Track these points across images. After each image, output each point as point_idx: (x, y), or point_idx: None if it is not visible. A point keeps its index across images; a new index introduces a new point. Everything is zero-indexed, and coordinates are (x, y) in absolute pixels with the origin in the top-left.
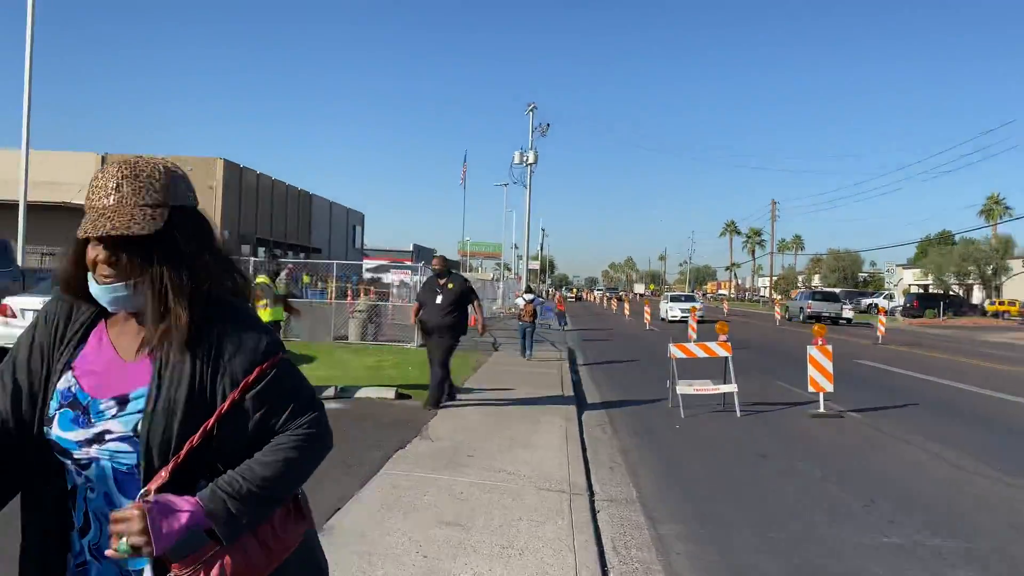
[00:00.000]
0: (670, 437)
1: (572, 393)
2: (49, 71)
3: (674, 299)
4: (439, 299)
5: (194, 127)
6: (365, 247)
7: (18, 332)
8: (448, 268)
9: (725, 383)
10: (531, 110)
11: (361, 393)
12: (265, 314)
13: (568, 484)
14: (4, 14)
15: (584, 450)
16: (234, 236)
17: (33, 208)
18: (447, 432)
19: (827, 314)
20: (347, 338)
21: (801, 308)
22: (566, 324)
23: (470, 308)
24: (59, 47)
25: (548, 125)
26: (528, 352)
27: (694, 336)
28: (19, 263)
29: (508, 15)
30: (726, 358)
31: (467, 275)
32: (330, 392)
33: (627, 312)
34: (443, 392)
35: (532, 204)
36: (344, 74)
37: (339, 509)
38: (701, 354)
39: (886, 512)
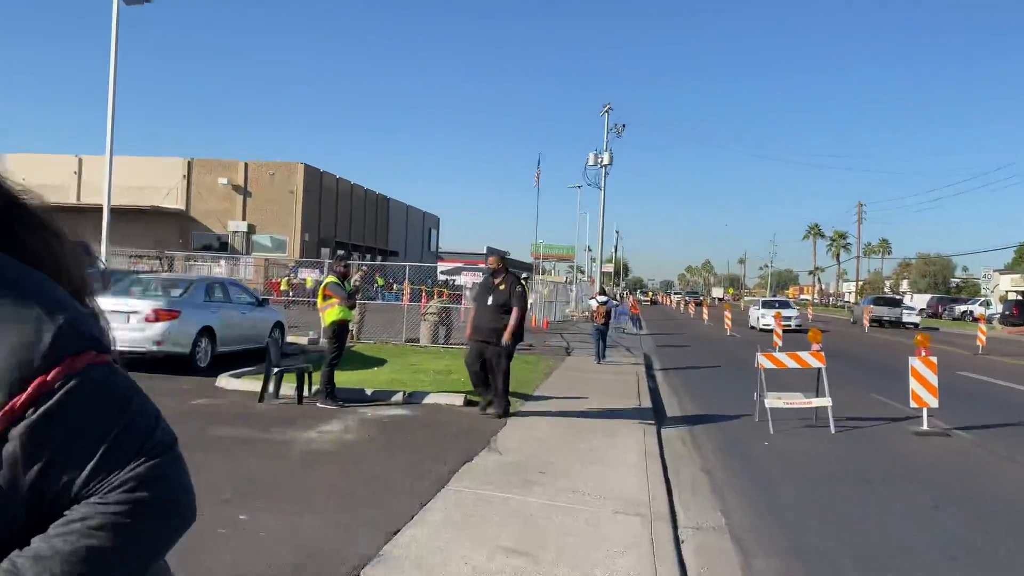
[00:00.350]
0: (759, 455)
1: (650, 403)
2: (138, 80)
3: (766, 305)
4: (490, 300)
5: (276, 133)
6: (440, 250)
7: None
8: (505, 266)
9: (818, 396)
10: (606, 111)
11: (429, 399)
12: (334, 312)
13: (648, 507)
14: (94, 30)
15: (665, 468)
16: (314, 239)
17: (125, 211)
18: (516, 444)
19: (888, 318)
20: (418, 341)
21: (863, 312)
22: (641, 328)
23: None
24: (147, 57)
25: (624, 126)
26: (602, 351)
27: (779, 343)
28: (103, 264)
29: (584, 16)
30: (819, 369)
31: (541, 277)
32: (398, 397)
33: (706, 317)
34: (508, 400)
35: (606, 206)
36: (422, 79)
37: (398, 531)
38: (792, 364)
39: (1019, 555)
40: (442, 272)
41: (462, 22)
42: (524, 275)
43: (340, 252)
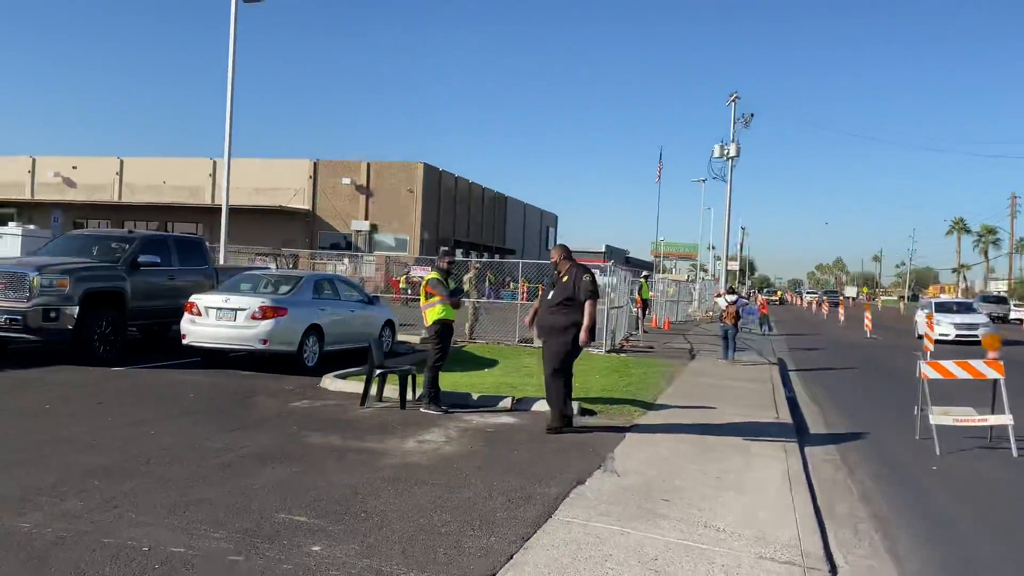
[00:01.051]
0: (928, 483)
1: (788, 416)
2: (269, 83)
3: (941, 308)
4: (550, 294)
5: (396, 133)
6: (603, 253)
7: (206, 330)
8: (568, 256)
9: (994, 412)
10: (733, 100)
11: (540, 406)
12: (436, 311)
13: (799, 551)
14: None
15: (814, 498)
16: (432, 238)
17: (254, 212)
18: (636, 464)
19: (997, 314)
20: (532, 341)
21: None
22: (770, 329)
23: (574, 309)
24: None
25: (751, 116)
26: (730, 354)
27: (931, 349)
28: (222, 262)
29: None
30: (996, 381)
31: (661, 276)
32: (506, 403)
33: (842, 317)
34: (566, 409)
35: (732, 200)
36: (538, 79)
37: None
38: (962, 375)
39: None
40: None
41: (580, 18)
42: (645, 273)
43: (444, 248)
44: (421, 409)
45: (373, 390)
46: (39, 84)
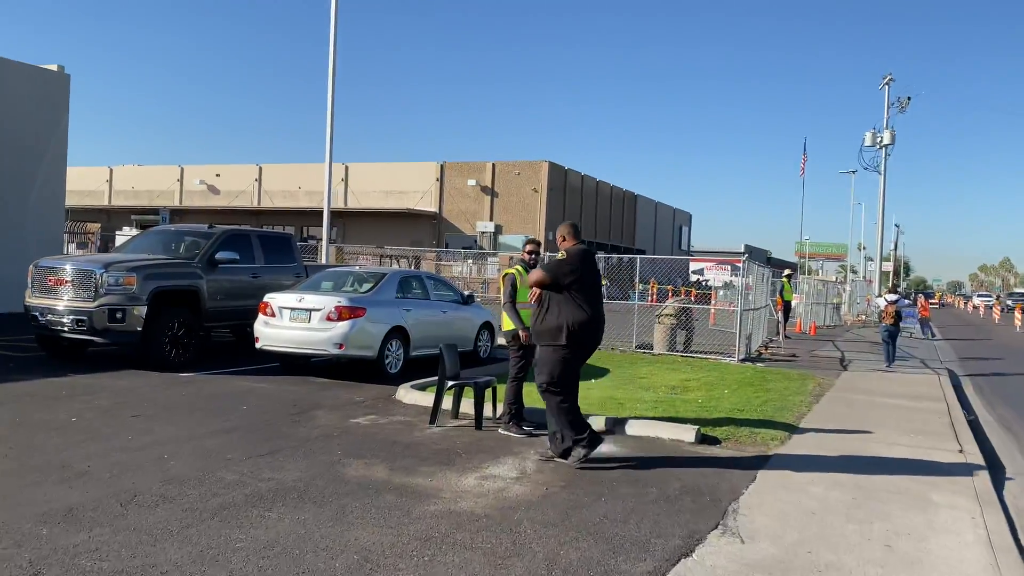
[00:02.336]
0: None
1: (975, 447)
2: (396, 88)
3: None
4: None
5: (522, 132)
6: (692, 248)
7: (279, 333)
8: (577, 235)
9: None
10: (887, 82)
11: (645, 429)
12: (507, 319)
13: None
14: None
15: None
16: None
17: (384, 215)
18: (770, 521)
19: None
20: (651, 347)
21: None
22: (932, 334)
23: (562, 300)
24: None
25: (908, 99)
26: (892, 358)
27: None
28: (324, 261)
29: None
30: None
31: (805, 277)
32: (599, 424)
33: (1018, 323)
34: (566, 439)
35: (887, 193)
36: (671, 73)
37: None
38: None
39: None
40: (694, 271)
41: (713, 6)
42: (787, 272)
43: (529, 237)
44: (500, 430)
45: (447, 404)
46: (188, 99)
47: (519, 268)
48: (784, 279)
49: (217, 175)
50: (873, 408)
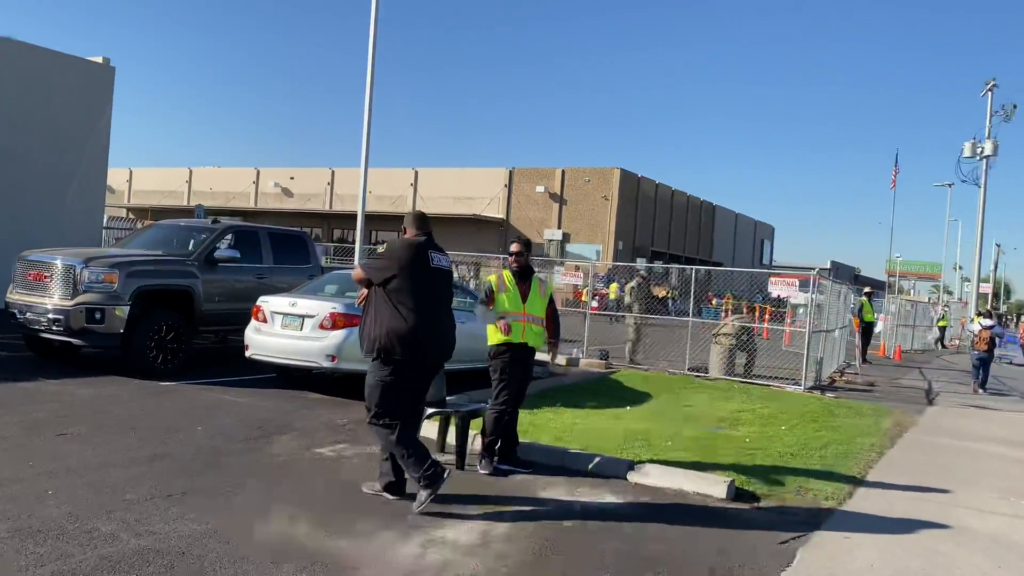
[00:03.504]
0: None
1: None
2: (465, 92)
3: None
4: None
5: (594, 139)
6: (774, 263)
7: (269, 341)
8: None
9: None
10: (989, 89)
11: (665, 478)
12: (492, 331)
13: None
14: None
15: None
16: (628, 247)
17: (451, 221)
18: None
19: None
20: (706, 370)
21: None
22: None
23: (380, 304)
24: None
25: (1014, 107)
26: (982, 384)
27: None
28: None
29: None
30: None
31: (898, 296)
32: (616, 469)
33: None
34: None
35: (986, 208)
36: (757, 86)
37: None
38: None
39: None
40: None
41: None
42: (867, 290)
43: (519, 237)
44: (480, 470)
45: (431, 432)
46: (265, 102)
47: (495, 278)
48: (863, 297)
49: (291, 178)
50: (962, 456)
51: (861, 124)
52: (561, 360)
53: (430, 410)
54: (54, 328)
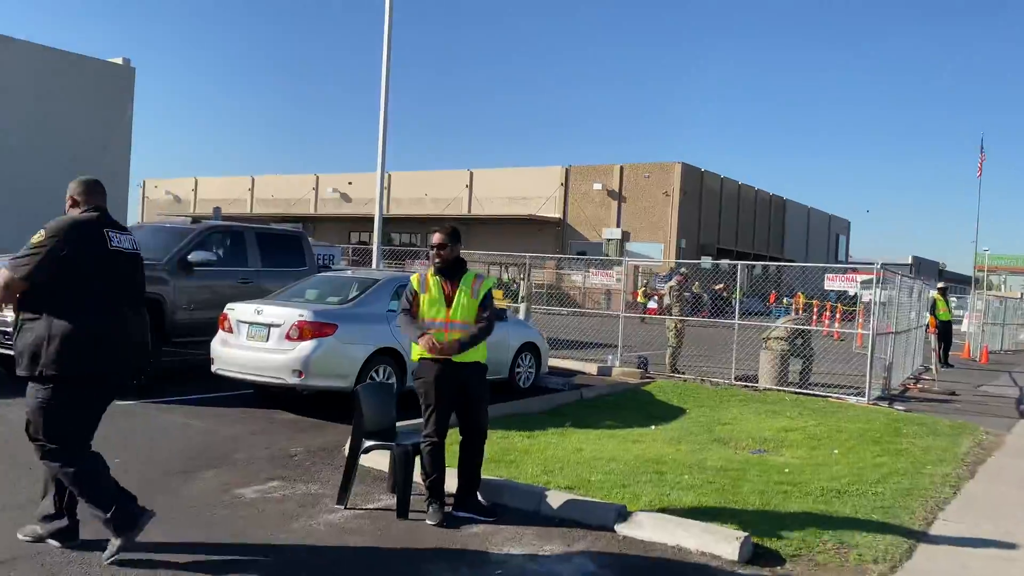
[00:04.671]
0: None
1: None
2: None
3: None
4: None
5: (652, 133)
6: (851, 259)
7: (234, 354)
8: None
9: None
10: None
11: (661, 531)
12: (414, 347)
13: None
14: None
15: None
16: (692, 245)
17: (506, 222)
18: None
19: None
20: (755, 379)
21: None
22: None
23: (45, 303)
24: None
25: None
26: None
27: None
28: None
29: None
30: None
31: (987, 292)
32: (578, 509)
33: None
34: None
35: None
36: (827, 72)
37: None
38: None
39: None
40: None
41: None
42: (940, 285)
43: (443, 225)
44: (428, 520)
45: (377, 463)
46: (328, 107)
47: (416, 279)
48: (936, 293)
49: (349, 183)
50: None
51: (944, 108)
52: (592, 369)
53: (369, 443)
54: (5, 342)
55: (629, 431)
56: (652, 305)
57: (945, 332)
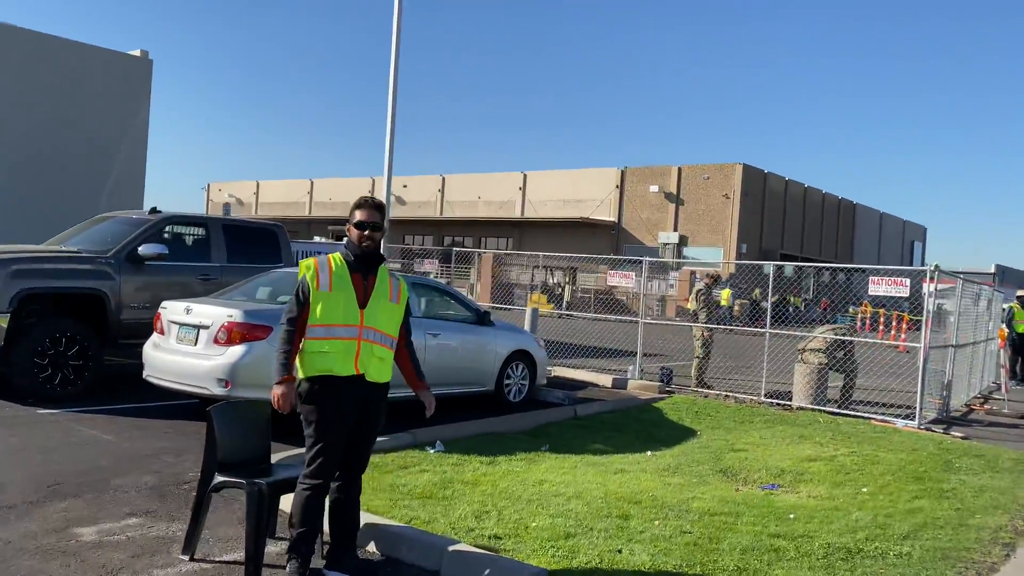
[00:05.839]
0: None
1: None
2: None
3: None
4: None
5: (715, 134)
6: (926, 266)
7: (163, 359)
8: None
9: None
10: None
11: None
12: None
13: None
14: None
15: None
16: (753, 250)
17: (560, 225)
18: None
19: None
20: (788, 398)
21: None
22: None
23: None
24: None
25: None
26: None
27: None
28: None
29: None
30: None
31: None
32: None
33: None
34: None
35: None
36: (900, 62)
37: None
38: None
39: None
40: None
41: None
42: (1020, 292)
43: (368, 199)
44: None
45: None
46: (383, 111)
47: (335, 257)
48: (1015, 303)
49: (404, 186)
50: None
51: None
52: (607, 381)
53: (221, 477)
54: None
55: (617, 458)
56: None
57: (1021, 347)
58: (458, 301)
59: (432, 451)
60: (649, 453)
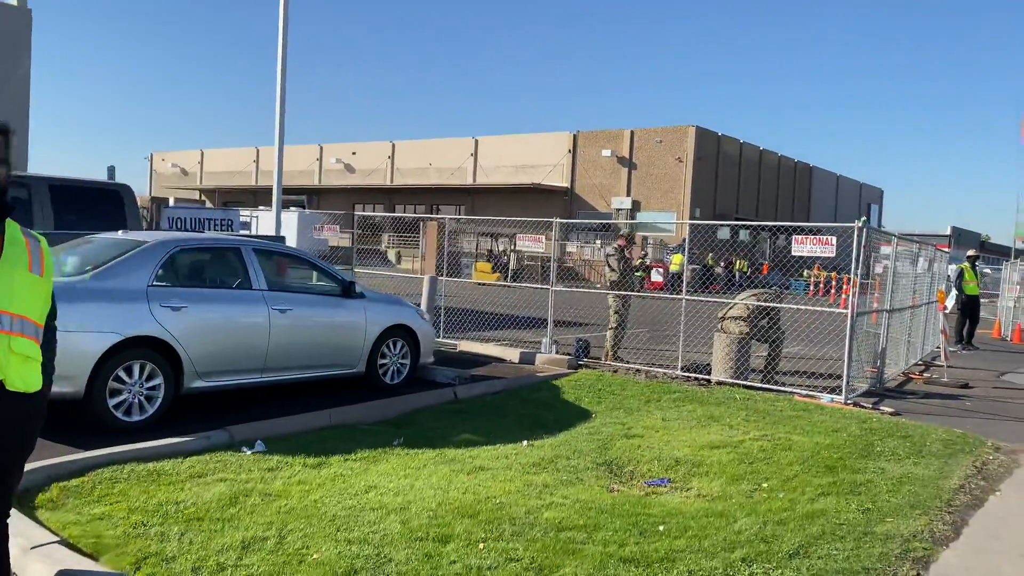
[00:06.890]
0: None
1: None
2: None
3: None
4: None
5: (664, 96)
6: (883, 228)
7: None
8: None
9: None
10: None
11: None
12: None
13: None
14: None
15: None
16: (707, 214)
17: (510, 191)
18: None
19: None
20: (707, 371)
21: None
22: None
23: None
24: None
25: None
26: None
27: None
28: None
29: None
30: None
31: (1016, 263)
32: None
33: None
34: None
35: None
36: (855, 25)
37: None
38: None
39: None
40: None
41: None
42: (970, 253)
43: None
44: None
45: None
46: (329, 76)
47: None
48: (965, 263)
49: (353, 153)
50: None
51: (984, 71)
52: (514, 356)
53: None
54: None
55: (483, 451)
56: (658, 278)
57: (972, 308)
58: (319, 271)
59: (249, 452)
60: (525, 443)
